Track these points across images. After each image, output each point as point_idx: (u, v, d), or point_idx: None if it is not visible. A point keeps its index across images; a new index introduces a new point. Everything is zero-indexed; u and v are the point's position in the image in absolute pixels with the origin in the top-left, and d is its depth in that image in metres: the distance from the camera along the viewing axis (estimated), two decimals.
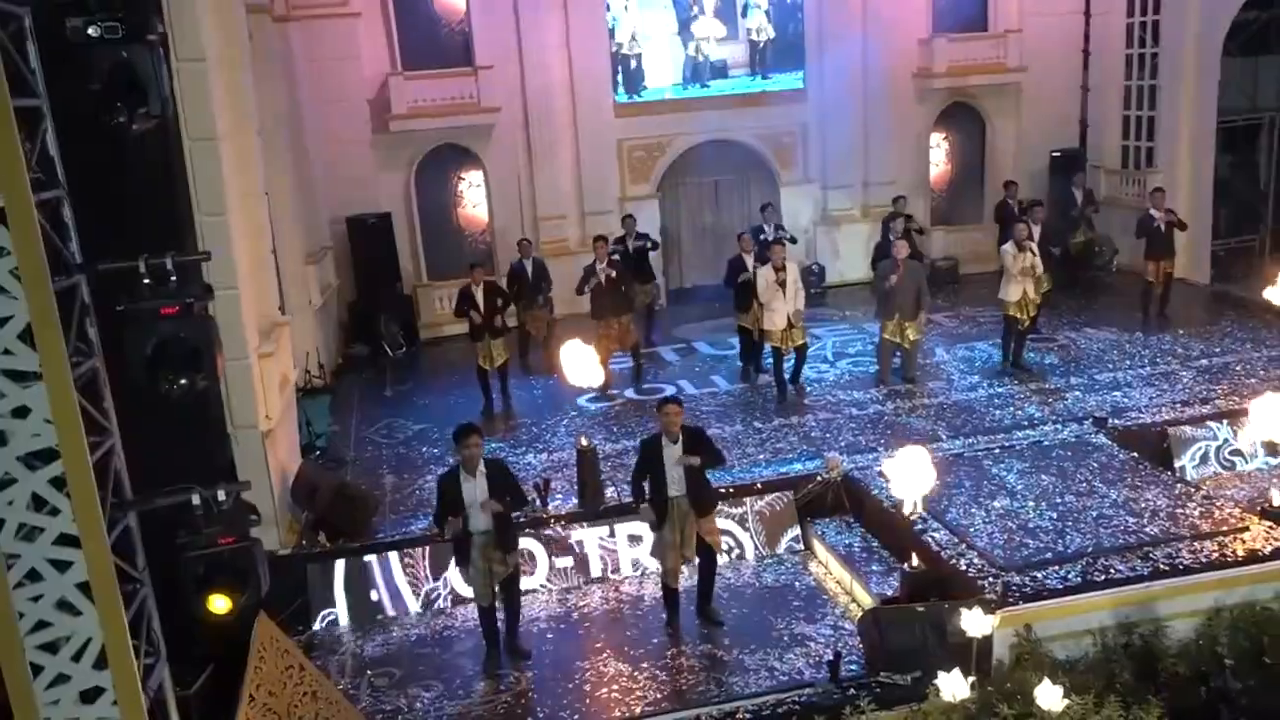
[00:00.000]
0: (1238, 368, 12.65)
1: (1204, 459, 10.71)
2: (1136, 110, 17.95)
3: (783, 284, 12.35)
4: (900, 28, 17.90)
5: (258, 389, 9.39)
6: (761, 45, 18.00)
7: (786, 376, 12.80)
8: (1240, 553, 8.27)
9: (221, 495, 5.34)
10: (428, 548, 9.50)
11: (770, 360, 12.98)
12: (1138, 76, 17.78)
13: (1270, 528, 8.66)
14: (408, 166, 17.11)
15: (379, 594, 9.41)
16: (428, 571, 9.50)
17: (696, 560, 8.75)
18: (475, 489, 8.09)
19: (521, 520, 9.32)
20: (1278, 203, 17.14)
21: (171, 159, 7.26)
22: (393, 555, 9.52)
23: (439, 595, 9.51)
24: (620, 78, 17.66)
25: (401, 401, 14.00)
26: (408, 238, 17.25)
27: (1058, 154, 18.28)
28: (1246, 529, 8.60)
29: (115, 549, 5.07)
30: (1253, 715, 7.40)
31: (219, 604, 5.33)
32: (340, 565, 9.37)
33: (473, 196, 17.81)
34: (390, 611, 9.39)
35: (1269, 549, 8.30)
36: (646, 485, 8.46)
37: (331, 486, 9.91)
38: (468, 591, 8.79)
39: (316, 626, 9.25)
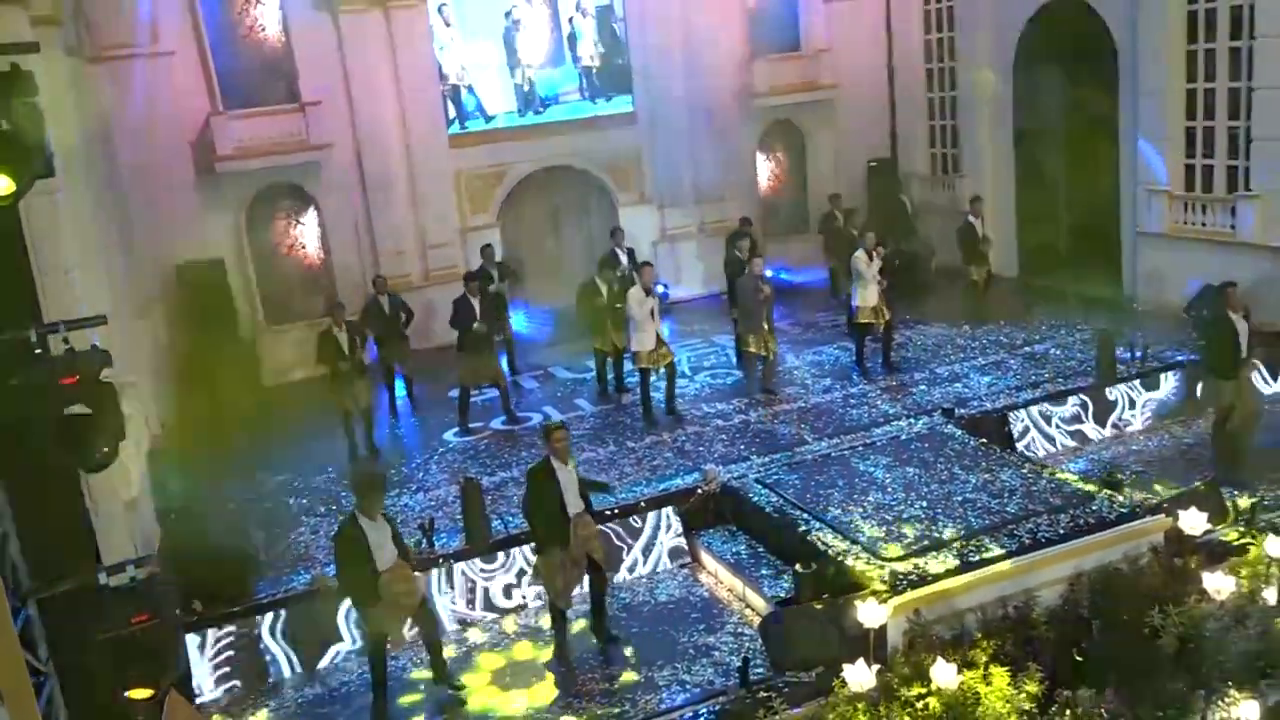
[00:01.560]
0: (1056, 352, 13.79)
1: (1043, 438, 11.63)
2: (941, 120, 19.30)
3: (652, 308, 12.57)
4: (721, 51, 18.59)
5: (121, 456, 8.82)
6: (592, 71, 18.33)
7: (659, 400, 12.94)
8: (1090, 520, 9.03)
9: (131, 571, 5.06)
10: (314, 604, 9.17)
11: (634, 379, 13.20)
12: (939, 89, 19.12)
13: (1112, 495, 9.50)
14: (237, 209, 16.46)
15: (266, 655, 9.00)
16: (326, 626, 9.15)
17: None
18: (378, 533, 8.06)
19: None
20: (1070, 201, 18.70)
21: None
22: (274, 615, 9.13)
23: (333, 651, 9.18)
24: (453, 109, 17.59)
25: (256, 454, 13.40)
26: (241, 283, 16.55)
27: (874, 164, 19.40)
28: (1092, 498, 9.40)
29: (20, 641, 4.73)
30: (1118, 669, 8.07)
31: (137, 693, 5.02)
32: (218, 632, 8.91)
33: (309, 236, 17.28)
34: (280, 672, 8.99)
35: (1114, 515, 9.10)
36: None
37: (200, 550, 9.40)
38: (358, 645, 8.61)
39: (207, 696, 8.76)
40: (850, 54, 19.27)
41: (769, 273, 15.17)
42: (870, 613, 7.87)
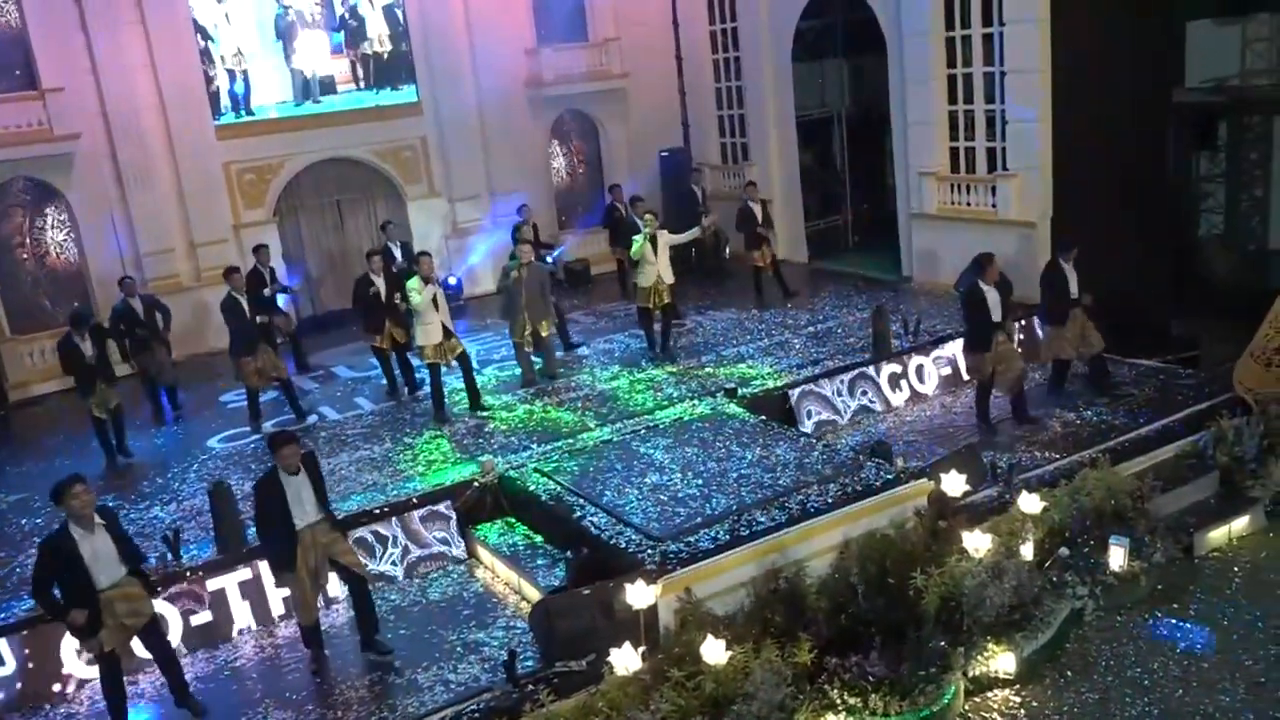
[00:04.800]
0: (838, 330, 14.09)
1: (821, 412, 11.80)
2: (728, 110, 19.56)
3: (435, 297, 12.02)
4: (506, 39, 18.23)
5: None
6: (372, 59, 17.59)
7: (448, 395, 12.42)
8: (858, 489, 9.13)
9: None
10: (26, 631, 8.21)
11: (422, 376, 12.64)
12: (725, 79, 19.36)
13: (880, 463, 9.65)
14: None
15: None
16: (49, 655, 8.19)
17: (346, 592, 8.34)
18: (94, 543, 7.22)
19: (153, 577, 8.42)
20: (854, 186, 19.34)
21: None
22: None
23: (66, 680, 8.25)
24: (223, 97, 16.50)
25: None
26: None
27: (666, 154, 19.45)
28: (861, 468, 9.52)
29: None
30: (884, 631, 8.15)
31: None
32: None
33: (56, 235, 15.81)
34: None
35: (880, 482, 9.23)
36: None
37: None
38: (91, 672, 7.76)
39: None
40: (639, 44, 19.28)
41: (549, 258, 15.05)
42: (638, 594, 7.66)
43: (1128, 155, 12.99)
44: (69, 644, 8.14)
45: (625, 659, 7.32)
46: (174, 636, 8.51)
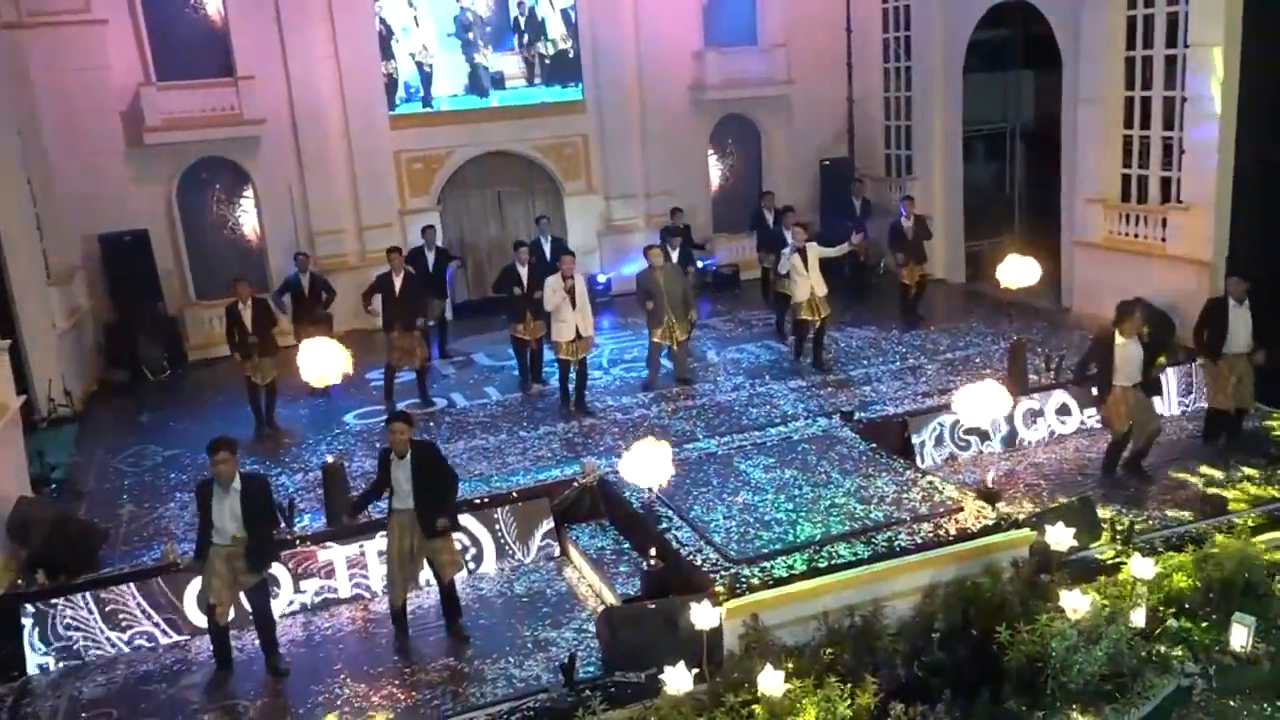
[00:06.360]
0: (977, 359, 13.51)
1: (938, 444, 11.37)
2: (895, 120, 19.00)
3: (571, 294, 12.32)
4: (673, 41, 18.35)
5: None
6: (543, 58, 18.10)
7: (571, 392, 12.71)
8: (953, 532, 8.77)
9: None
10: (160, 579, 8.99)
11: (551, 370, 13.01)
12: (894, 89, 18.82)
13: (982, 507, 9.22)
14: (168, 181, 16.31)
15: (103, 630, 8.83)
16: (167, 601, 8.97)
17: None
18: (225, 502, 7.92)
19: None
20: (1024, 206, 18.44)
21: None
22: (120, 588, 8.95)
23: (173, 626, 9.00)
24: (401, 88, 17.38)
25: (156, 427, 13.29)
26: (171, 255, 16.42)
27: (827, 163, 19.11)
28: (961, 509, 9.12)
29: None
30: (958, 684, 7.81)
31: None
32: (56, 604, 8.74)
33: (244, 211, 17.12)
34: (117, 648, 8.82)
35: (978, 527, 8.83)
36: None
37: (48, 520, 9.24)
38: (203, 621, 8.45)
39: (32, 669, 8.59)
40: (808, 50, 18.98)
41: (701, 264, 15.07)
42: (703, 614, 7.65)
43: None
44: (191, 593, 8.85)
45: (678, 678, 7.32)
46: (282, 599, 9.16)
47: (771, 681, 7.26)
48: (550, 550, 10.04)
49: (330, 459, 9.93)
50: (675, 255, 13.87)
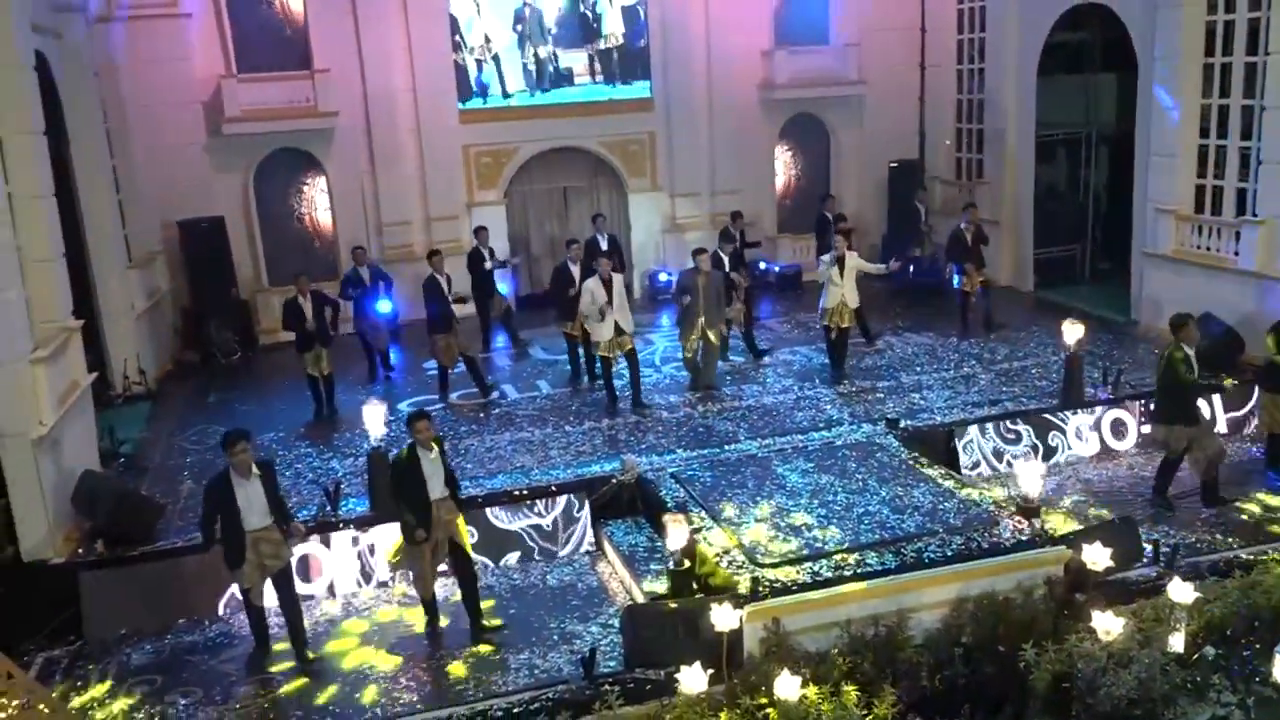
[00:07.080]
0: (1034, 370, 13.22)
1: (983, 455, 11.20)
2: (967, 124, 18.66)
3: (609, 290, 12.45)
4: (743, 40, 18.30)
5: (29, 394, 9.21)
6: (610, 54, 18.23)
7: (622, 389, 12.77)
8: (984, 546, 8.66)
9: None
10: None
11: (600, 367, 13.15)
12: (967, 90, 18.48)
13: (1018, 522, 9.08)
14: (245, 170, 16.89)
15: (157, 600, 9.26)
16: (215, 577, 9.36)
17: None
18: (248, 491, 8.21)
19: (312, 524, 9.52)
20: (1098, 213, 17.95)
21: None
22: (175, 561, 9.38)
23: (219, 600, 9.39)
24: (471, 83, 17.68)
25: (224, 408, 13.80)
26: (246, 242, 17.01)
27: (895, 165, 18.86)
28: (996, 523, 9.00)
29: None
30: (983, 701, 7.73)
31: None
32: (113, 573, 9.21)
33: (317, 201, 17.63)
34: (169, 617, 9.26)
35: (1011, 542, 8.71)
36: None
37: (111, 493, 9.71)
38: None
39: (90, 634, 9.06)
40: (880, 50, 18.74)
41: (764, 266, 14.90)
42: (723, 616, 7.72)
43: None
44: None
45: (693, 678, 7.41)
46: (322, 577, 9.50)
47: (787, 686, 7.30)
48: (587, 545, 10.18)
49: (374, 448, 10.18)
50: (726, 262, 13.81)
